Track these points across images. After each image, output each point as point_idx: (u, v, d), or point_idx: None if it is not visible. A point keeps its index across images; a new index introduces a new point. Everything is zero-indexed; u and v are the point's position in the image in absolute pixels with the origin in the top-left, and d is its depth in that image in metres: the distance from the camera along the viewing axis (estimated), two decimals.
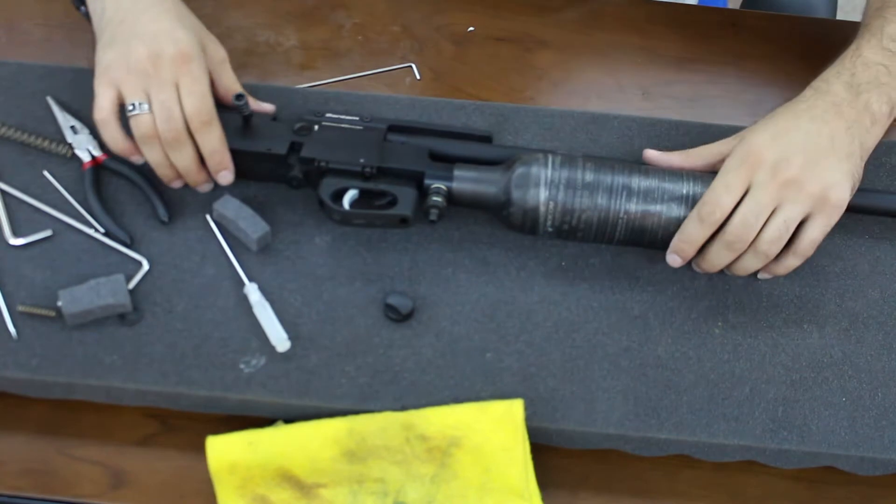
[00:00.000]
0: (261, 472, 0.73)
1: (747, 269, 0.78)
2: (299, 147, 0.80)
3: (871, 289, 0.83)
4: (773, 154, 0.76)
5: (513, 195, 0.78)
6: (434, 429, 0.74)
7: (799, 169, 0.75)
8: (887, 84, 0.79)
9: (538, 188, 0.77)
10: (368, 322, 0.78)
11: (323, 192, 0.79)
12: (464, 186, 0.80)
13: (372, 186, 0.79)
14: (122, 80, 0.76)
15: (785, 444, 0.75)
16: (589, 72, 0.97)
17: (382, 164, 0.80)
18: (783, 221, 0.75)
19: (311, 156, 0.80)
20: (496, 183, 0.79)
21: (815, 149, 0.76)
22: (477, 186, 0.80)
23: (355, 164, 0.79)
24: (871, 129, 0.79)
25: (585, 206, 0.77)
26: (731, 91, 0.88)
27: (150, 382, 0.75)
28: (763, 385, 0.78)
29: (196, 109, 0.76)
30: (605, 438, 0.76)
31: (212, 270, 0.80)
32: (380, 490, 0.73)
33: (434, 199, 0.78)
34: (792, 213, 0.75)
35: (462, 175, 0.80)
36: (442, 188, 0.79)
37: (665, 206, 0.77)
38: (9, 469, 0.74)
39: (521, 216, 0.78)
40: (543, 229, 0.79)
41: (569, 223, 0.78)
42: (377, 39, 0.97)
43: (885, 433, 0.76)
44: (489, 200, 0.79)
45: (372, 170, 0.79)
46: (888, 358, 0.79)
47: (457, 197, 0.80)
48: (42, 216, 0.81)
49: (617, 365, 0.78)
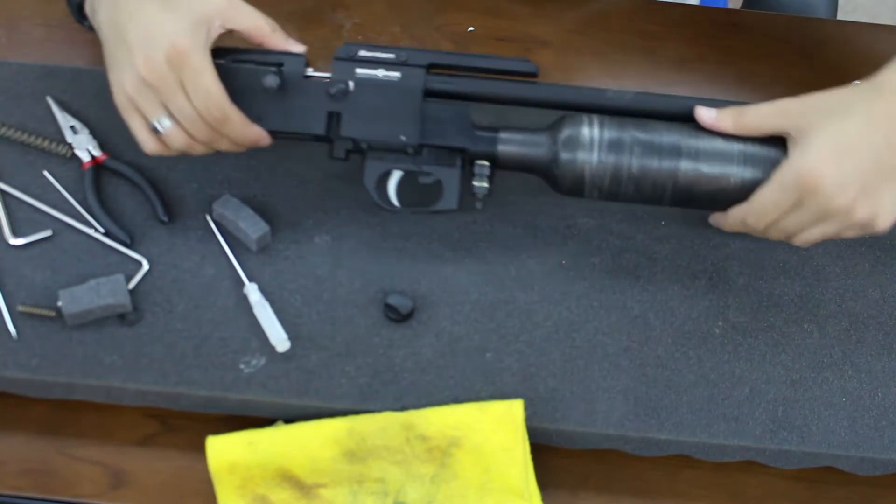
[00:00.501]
0: (261, 472, 0.73)
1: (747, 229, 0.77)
2: (337, 118, 0.78)
3: (871, 289, 0.83)
4: (831, 181, 0.71)
5: (560, 157, 0.77)
6: (434, 429, 0.74)
7: (852, 200, 0.72)
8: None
9: (586, 150, 0.76)
10: (368, 322, 0.78)
11: (368, 181, 0.78)
12: (510, 149, 0.78)
13: (415, 168, 0.78)
14: (136, 101, 0.73)
15: (785, 445, 0.75)
16: (589, 72, 0.97)
17: (424, 139, 0.78)
18: (820, 234, 0.74)
19: (351, 135, 0.77)
20: (543, 145, 0.78)
21: (875, 172, 0.72)
22: (524, 149, 0.78)
23: (396, 140, 0.77)
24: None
25: (634, 168, 0.76)
26: (731, 91, 0.88)
27: (150, 382, 0.75)
28: (763, 385, 0.77)
29: (205, 109, 0.73)
30: (605, 439, 0.76)
31: (211, 270, 0.80)
32: (380, 490, 0.73)
33: (478, 185, 0.77)
34: (829, 230, 0.74)
35: (508, 138, 0.78)
36: (486, 168, 0.78)
37: (716, 167, 0.76)
38: (9, 469, 0.74)
39: (569, 179, 0.77)
40: (591, 192, 0.78)
41: (617, 185, 0.77)
42: (377, 39, 0.97)
43: (885, 433, 0.76)
44: (536, 164, 0.78)
45: (414, 147, 0.78)
46: (888, 358, 0.79)
47: (503, 161, 0.79)
48: (42, 216, 0.81)
49: (617, 365, 0.78)
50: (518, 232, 0.83)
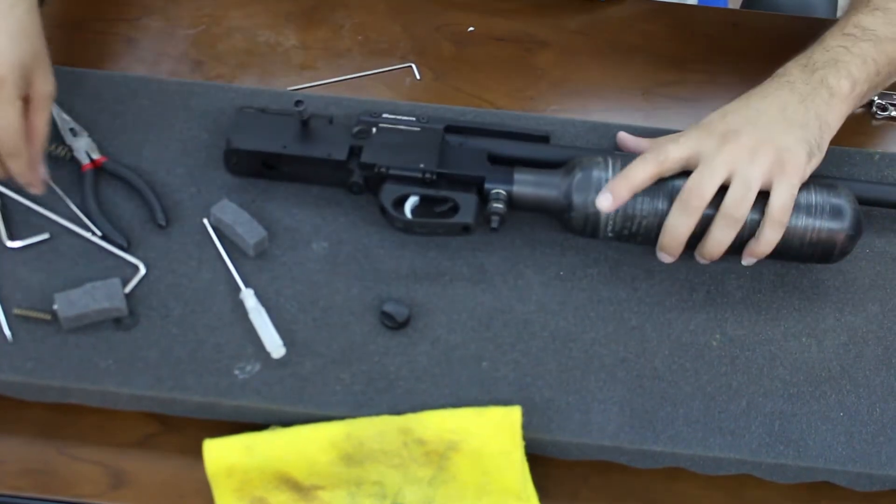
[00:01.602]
0: (259, 475, 0.73)
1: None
2: (359, 151, 0.81)
3: (870, 303, 0.82)
4: (723, 126, 0.77)
5: (574, 199, 0.78)
6: (431, 433, 0.73)
7: (748, 136, 0.76)
8: (847, 62, 0.79)
9: (598, 192, 0.77)
10: (364, 329, 0.78)
11: (384, 199, 0.79)
12: (525, 190, 0.80)
13: (433, 193, 0.80)
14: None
15: (781, 459, 0.75)
16: (589, 72, 0.97)
17: (442, 168, 0.80)
18: (741, 182, 0.75)
19: (372, 161, 0.80)
20: (557, 186, 0.79)
21: (763, 119, 0.77)
22: (538, 190, 0.80)
23: (415, 168, 0.79)
24: (830, 101, 0.78)
25: (646, 211, 0.77)
26: (731, 91, 0.87)
27: (145, 387, 0.75)
28: (760, 398, 0.77)
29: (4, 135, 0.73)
30: (601, 450, 0.75)
31: (208, 275, 0.79)
32: (378, 493, 0.73)
33: (495, 206, 0.79)
34: (749, 173, 0.75)
35: (523, 179, 0.80)
36: (503, 194, 0.79)
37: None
38: (9, 469, 0.74)
39: (582, 220, 0.79)
40: (604, 233, 0.79)
41: (629, 227, 0.78)
42: (377, 39, 0.96)
43: (882, 449, 0.75)
44: (550, 204, 0.80)
45: (432, 175, 0.79)
46: (887, 373, 0.79)
47: (517, 201, 0.80)
48: (39, 219, 0.81)
49: (613, 376, 0.77)
50: (516, 242, 0.83)
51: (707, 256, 0.78)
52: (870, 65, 0.79)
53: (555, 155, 0.83)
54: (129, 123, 0.86)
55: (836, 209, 0.78)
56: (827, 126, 0.78)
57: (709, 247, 0.77)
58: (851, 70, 0.79)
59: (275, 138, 0.81)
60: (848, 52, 0.79)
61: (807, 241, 0.78)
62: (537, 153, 0.83)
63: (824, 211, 0.78)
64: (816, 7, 1.27)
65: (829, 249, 0.78)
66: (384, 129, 0.82)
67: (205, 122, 0.87)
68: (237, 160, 0.82)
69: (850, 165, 0.89)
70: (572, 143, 0.88)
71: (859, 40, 0.80)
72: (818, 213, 0.77)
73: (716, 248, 0.77)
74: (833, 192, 0.78)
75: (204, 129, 0.86)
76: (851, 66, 0.79)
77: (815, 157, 0.77)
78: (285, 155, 0.81)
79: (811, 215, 0.77)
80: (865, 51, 0.80)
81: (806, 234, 0.78)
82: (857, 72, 0.79)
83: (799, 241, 0.78)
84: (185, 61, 0.93)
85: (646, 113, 0.93)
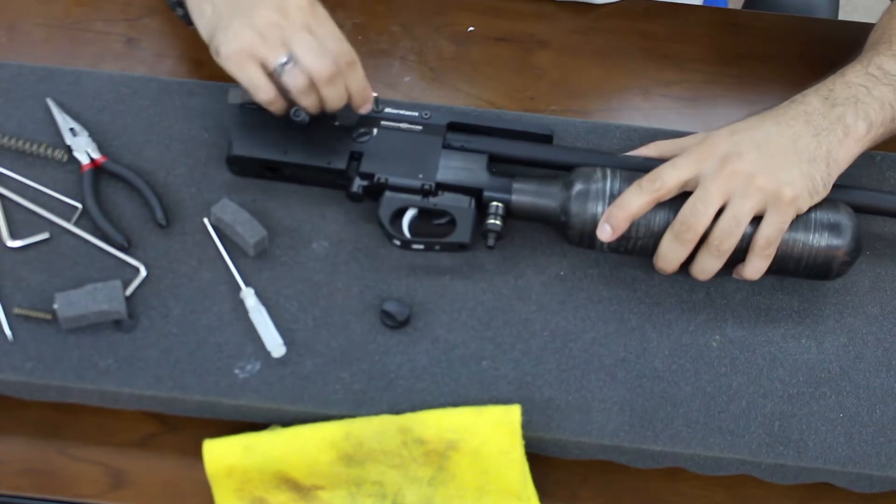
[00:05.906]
0: (258, 475, 0.73)
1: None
2: (359, 157, 0.81)
3: (870, 305, 0.82)
4: (726, 147, 0.76)
5: (572, 210, 0.78)
6: (431, 432, 0.73)
7: (750, 163, 0.75)
8: (866, 104, 0.78)
9: (597, 204, 0.77)
10: (364, 328, 0.78)
11: (383, 214, 0.80)
12: (523, 200, 0.80)
13: (430, 206, 0.80)
14: (256, 46, 0.75)
15: (781, 459, 0.75)
16: (589, 72, 0.97)
17: (441, 179, 0.80)
18: (732, 216, 0.75)
19: (371, 171, 0.80)
20: (555, 197, 0.79)
21: (772, 146, 0.76)
22: (536, 200, 0.80)
23: (414, 179, 0.80)
24: (844, 141, 0.77)
25: (642, 232, 0.77)
26: (731, 91, 0.88)
27: (145, 387, 0.75)
28: (760, 399, 0.77)
29: (337, 49, 0.76)
30: (600, 449, 0.75)
31: (208, 275, 0.79)
32: (378, 492, 0.73)
33: (491, 223, 0.79)
34: (741, 208, 0.75)
35: (521, 188, 0.80)
36: (500, 208, 0.80)
37: None
38: (9, 469, 0.75)
39: (579, 233, 0.79)
40: (600, 244, 0.79)
41: (625, 245, 0.78)
42: (377, 39, 0.96)
43: (882, 450, 0.76)
44: (548, 215, 0.80)
45: (430, 186, 0.80)
46: (886, 374, 0.79)
47: (516, 211, 0.80)
48: (39, 219, 0.81)
49: (613, 376, 0.77)
50: (516, 242, 0.83)
51: (697, 279, 0.78)
52: (887, 110, 0.79)
53: (558, 156, 0.83)
54: (129, 123, 0.86)
55: (836, 226, 0.77)
56: (836, 164, 0.77)
57: (696, 272, 0.78)
58: (870, 112, 0.78)
59: (276, 143, 0.81)
60: (868, 94, 0.79)
61: (804, 257, 0.77)
62: (540, 154, 0.83)
63: (823, 227, 0.77)
64: (817, 7, 1.26)
65: (826, 266, 0.78)
66: (385, 130, 0.82)
67: (205, 122, 0.86)
68: (239, 165, 0.83)
69: (850, 166, 0.89)
70: (573, 143, 0.88)
71: (880, 83, 0.79)
72: (817, 229, 0.77)
73: (702, 275, 0.77)
74: (832, 208, 0.78)
75: (204, 128, 0.86)
76: (870, 108, 0.78)
77: (818, 194, 0.77)
78: (285, 162, 0.82)
79: (809, 230, 0.77)
80: (885, 95, 0.79)
81: (804, 251, 0.77)
82: (875, 115, 0.78)
83: (797, 257, 0.77)
84: (185, 61, 0.93)
85: (646, 113, 0.93)
